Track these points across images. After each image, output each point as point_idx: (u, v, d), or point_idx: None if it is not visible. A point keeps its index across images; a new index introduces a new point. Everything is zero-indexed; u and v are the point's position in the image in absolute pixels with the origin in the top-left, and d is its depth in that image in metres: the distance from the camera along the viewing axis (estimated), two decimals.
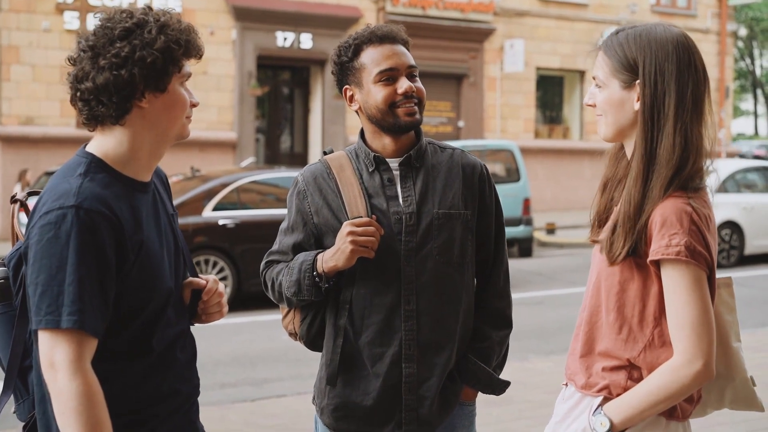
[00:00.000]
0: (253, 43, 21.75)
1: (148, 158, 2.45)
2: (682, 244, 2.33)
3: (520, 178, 16.43)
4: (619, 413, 2.42)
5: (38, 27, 19.43)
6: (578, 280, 14.04)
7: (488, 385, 3.05)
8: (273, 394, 7.70)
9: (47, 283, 2.21)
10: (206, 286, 2.61)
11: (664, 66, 2.42)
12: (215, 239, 11.89)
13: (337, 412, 3.00)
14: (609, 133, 2.56)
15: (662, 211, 2.37)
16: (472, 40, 24.58)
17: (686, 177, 2.40)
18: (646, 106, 2.43)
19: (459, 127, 24.70)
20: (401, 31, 3.02)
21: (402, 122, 2.92)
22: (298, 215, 3.01)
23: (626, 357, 2.46)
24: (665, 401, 2.38)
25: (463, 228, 2.97)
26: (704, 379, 2.37)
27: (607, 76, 2.51)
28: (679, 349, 2.36)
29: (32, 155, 18.96)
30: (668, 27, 2.50)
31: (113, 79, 2.31)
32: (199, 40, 2.47)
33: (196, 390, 2.64)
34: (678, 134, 2.40)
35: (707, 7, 28.44)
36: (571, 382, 2.61)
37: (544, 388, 7.27)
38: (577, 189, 26.06)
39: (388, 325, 2.91)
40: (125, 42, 2.32)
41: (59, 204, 2.24)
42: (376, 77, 2.91)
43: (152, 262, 2.39)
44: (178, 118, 2.44)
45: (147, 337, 2.42)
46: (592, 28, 26.48)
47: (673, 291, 2.37)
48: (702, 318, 2.35)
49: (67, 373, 2.19)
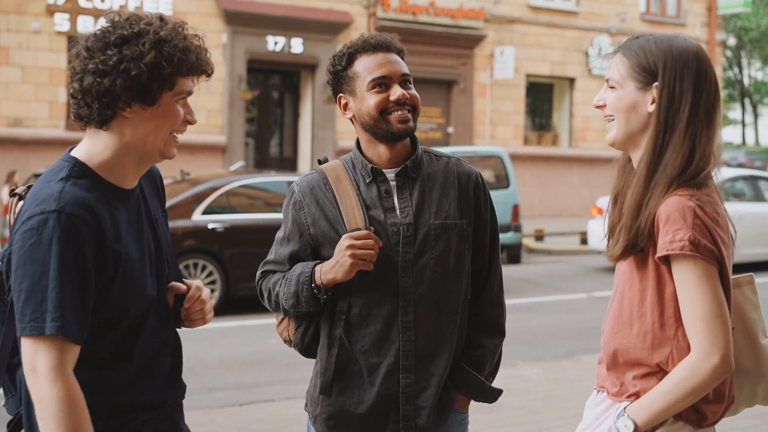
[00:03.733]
0: (243, 47, 21.74)
1: (134, 166, 2.42)
2: (686, 239, 2.35)
3: (509, 185, 16.45)
4: (642, 414, 2.43)
5: (28, 28, 19.39)
6: (566, 287, 14.06)
7: (481, 393, 3.05)
8: (261, 398, 7.69)
9: (31, 289, 2.20)
10: (188, 293, 2.57)
11: (683, 72, 2.47)
12: (204, 243, 11.87)
13: (330, 421, 2.99)
14: (619, 137, 2.57)
15: (666, 208, 2.40)
16: (463, 47, 24.61)
17: (690, 176, 2.43)
18: (662, 108, 2.47)
19: (449, 133, 24.72)
20: (395, 39, 3.01)
21: (395, 129, 2.91)
22: (294, 225, 2.99)
23: (655, 362, 2.48)
24: (686, 398, 2.39)
25: (459, 238, 2.96)
26: (723, 373, 2.38)
27: (623, 76, 2.54)
28: (695, 344, 2.38)
29: (21, 157, 18.91)
30: (687, 39, 2.55)
31: (96, 84, 2.29)
32: (202, 58, 2.42)
33: (181, 395, 2.63)
34: (687, 138, 2.44)
35: (696, 16, 28.55)
36: (602, 390, 2.63)
37: (532, 395, 7.29)
38: (565, 196, 26.12)
39: (385, 335, 2.91)
40: (117, 50, 2.30)
41: (41, 209, 2.23)
42: (368, 85, 2.91)
43: (132, 271, 2.37)
44: (162, 132, 2.39)
45: (129, 345, 2.40)
46: (582, 35, 26.55)
47: (683, 287, 2.39)
48: (715, 311, 2.36)
49: (48, 379, 2.18)
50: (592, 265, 16.68)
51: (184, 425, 2.65)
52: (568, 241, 20.18)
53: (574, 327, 10.84)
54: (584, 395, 2.86)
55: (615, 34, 26.82)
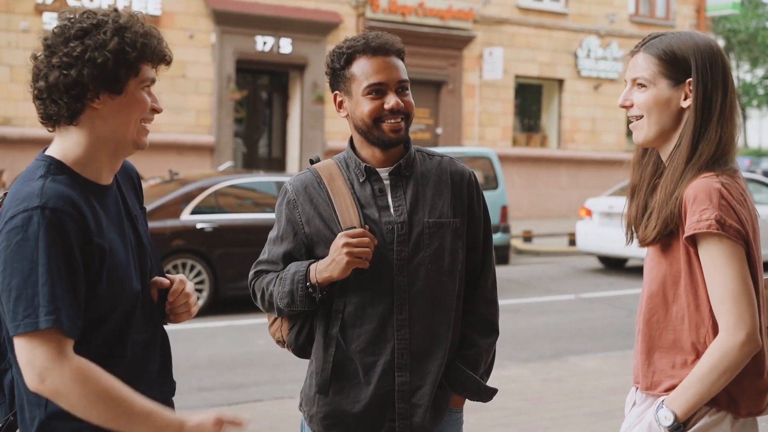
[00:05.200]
0: (232, 47, 21.71)
1: (108, 161, 2.42)
2: (712, 218, 2.41)
3: (497, 186, 16.45)
4: (680, 403, 2.47)
5: (17, 27, 19.34)
6: (554, 288, 14.09)
7: (476, 392, 3.06)
8: (250, 398, 7.68)
9: (21, 286, 2.18)
10: (172, 287, 2.58)
11: (713, 66, 2.56)
12: (193, 243, 11.84)
13: (326, 420, 2.99)
14: (651, 135, 2.63)
15: (692, 189, 2.46)
16: (452, 48, 24.63)
17: (716, 159, 2.52)
18: (698, 102, 2.55)
19: (437, 134, 24.73)
20: (396, 41, 3.00)
21: (386, 138, 2.92)
22: (288, 225, 2.99)
23: (690, 342, 2.51)
24: (719, 379, 2.43)
25: (453, 236, 2.98)
26: (751, 349, 2.42)
27: (654, 76, 2.59)
28: (722, 323, 2.43)
29: (9, 156, 18.85)
30: (702, 34, 2.64)
31: (63, 78, 2.29)
32: (163, 45, 2.42)
33: (172, 392, 2.62)
34: (719, 127, 2.53)
35: (685, 18, 28.63)
36: (636, 384, 2.67)
37: (520, 395, 7.30)
38: (553, 197, 26.15)
39: (381, 334, 2.91)
40: (79, 42, 2.30)
41: (24, 207, 2.22)
42: (364, 90, 2.90)
43: (117, 267, 2.36)
44: (132, 121, 2.39)
45: (119, 342, 2.40)
46: (571, 37, 26.59)
47: (710, 266, 2.45)
48: (740, 289, 2.41)
49: (54, 371, 2.16)
50: (580, 267, 16.72)
51: None
52: (557, 243, 20.20)
53: (562, 328, 10.87)
54: (572, 396, 2.88)
55: (604, 36, 26.88)
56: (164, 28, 19.74)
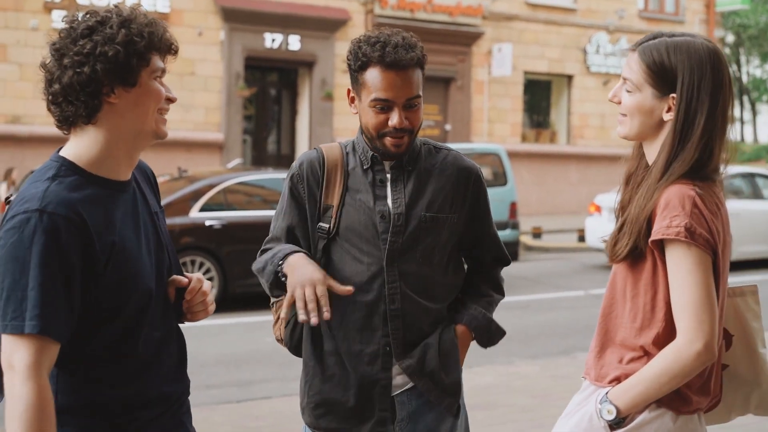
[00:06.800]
0: (241, 44, 21.72)
1: (126, 156, 2.43)
2: (682, 225, 2.38)
3: (506, 182, 16.44)
4: (624, 399, 2.46)
5: (26, 25, 19.38)
6: (564, 284, 14.07)
7: (486, 330, 3.09)
8: (258, 395, 7.70)
9: (12, 287, 2.20)
10: (189, 285, 2.59)
11: (701, 83, 2.49)
12: (202, 240, 11.87)
13: (317, 410, 3.04)
14: (631, 134, 2.62)
15: (666, 195, 2.44)
16: (460, 44, 24.60)
17: (694, 170, 2.48)
18: (678, 121, 2.50)
19: (446, 131, 24.71)
20: (414, 54, 2.91)
21: (387, 152, 2.95)
22: (291, 199, 3.03)
23: (640, 344, 2.50)
24: (668, 383, 2.41)
25: (449, 232, 3.00)
26: (705, 360, 2.40)
27: (641, 82, 2.56)
28: (681, 329, 2.40)
29: (18, 154, 18.90)
30: (705, 41, 2.56)
31: (77, 77, 2.30)
32: (168, 34, 2.44)
33: (186, 391, 2.63)
34: (701, 145, 2.48)
35: (695, 14, 28.55)
36: (586, 376, 2.66)
37: (528, 392, 7.29)
38: (563, 193, 26.12)
39: (369, 323, 2.94)
40: (87, 39, 2.32)
41: (24, 208, 2.24)
42: (371, 102, 2.90)
43: (128, 263, 2.37)
44: (150, 111, 2.40)
45: (130, 339, 2.40)
46: (580, 32, 26.54)
47: (675, 272, 2.42)
48: (703, 299, 2.39)
49: (22, 377, 2.17)
50: (589, 263, 16.69)
51: (191, 427, 2.65)
52: (566, 239, 20.18)
53: (570, 324, 10.85)
54: None
55: (613, 32, 26.82)
56: (173, 26, 19.74)
